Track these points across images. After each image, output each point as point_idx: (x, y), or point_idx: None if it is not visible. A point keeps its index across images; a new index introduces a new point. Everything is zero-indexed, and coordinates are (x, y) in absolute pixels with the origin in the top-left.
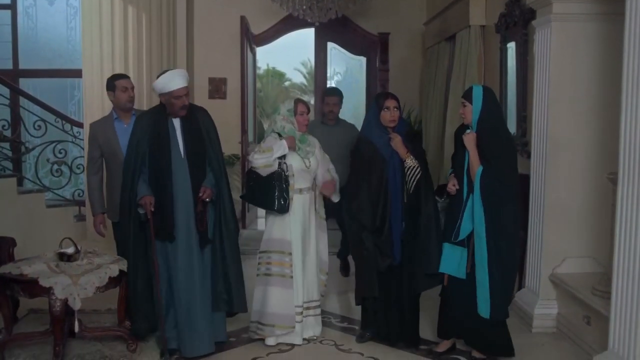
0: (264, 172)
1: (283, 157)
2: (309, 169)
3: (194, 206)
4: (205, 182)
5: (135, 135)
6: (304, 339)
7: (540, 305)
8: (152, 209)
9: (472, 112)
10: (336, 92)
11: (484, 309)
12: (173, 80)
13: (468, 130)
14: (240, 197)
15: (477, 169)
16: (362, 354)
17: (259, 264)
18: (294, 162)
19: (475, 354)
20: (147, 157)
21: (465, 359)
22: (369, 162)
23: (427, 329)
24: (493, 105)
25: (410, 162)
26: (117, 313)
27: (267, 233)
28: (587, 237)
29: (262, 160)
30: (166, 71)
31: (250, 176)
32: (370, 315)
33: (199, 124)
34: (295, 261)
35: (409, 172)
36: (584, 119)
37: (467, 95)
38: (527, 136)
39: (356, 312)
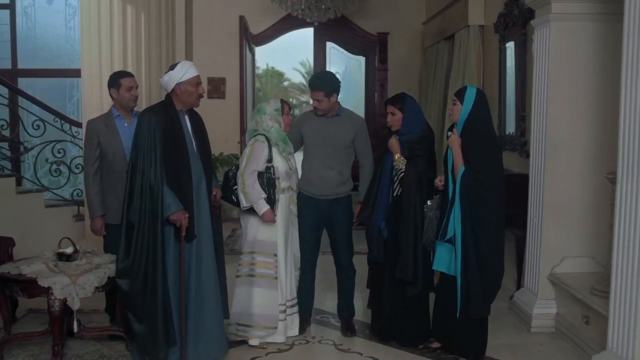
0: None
1: (270, 160)
2: (292, 170)
3: (209, 204)
4: (213, 183)
5: (143, 133)
6: (288, 337)
7: (539, 305)
8: (187, 224)
9: (461, 111)
10: (317, 86)
11: (459, 305)
12: (191, 68)
13: (449, 133)
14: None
15: (460, 168)
16: (361, 354)
17: (240, 264)
18: (280, 164)
19: (434, 344)
20: (162, 153)
21: (464, 359)
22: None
23: None
24: (482, 109)
25: (396, 163)
26: (116, 313)
27: (251, 234)
28: (586, 236)
29: (243, 199)
30: (173, 66)
31: (234, 182)
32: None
33: (201, 120)
34: (279, 262)
35: (395, 173)
36: (583, 119)
37: (460, 94)
38: (525, 136)
39: (356, 313)
